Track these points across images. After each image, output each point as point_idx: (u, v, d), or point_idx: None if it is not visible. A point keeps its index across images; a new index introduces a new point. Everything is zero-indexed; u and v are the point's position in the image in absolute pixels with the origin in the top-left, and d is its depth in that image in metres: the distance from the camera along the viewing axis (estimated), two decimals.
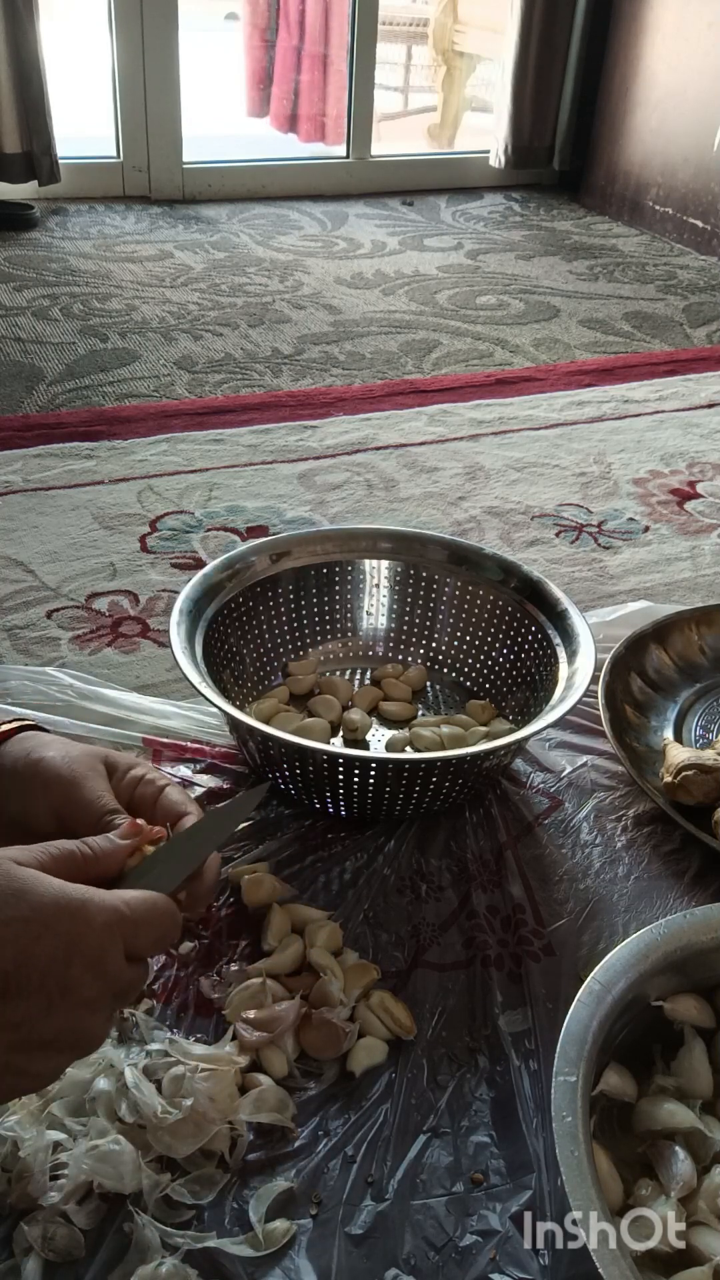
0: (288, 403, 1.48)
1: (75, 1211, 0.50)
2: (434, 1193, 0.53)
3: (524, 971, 0.64)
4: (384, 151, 2.76)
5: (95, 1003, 0.43)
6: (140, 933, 0.45)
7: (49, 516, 1.14)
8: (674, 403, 1.54)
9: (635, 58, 2.50)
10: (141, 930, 0.45)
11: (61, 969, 0.42)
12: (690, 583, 1.10)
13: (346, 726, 0.82)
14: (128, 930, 0.44)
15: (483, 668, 0.87)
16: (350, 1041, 0.59)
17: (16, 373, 1.54)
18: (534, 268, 2.19)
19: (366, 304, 1.92)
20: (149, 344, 1.68)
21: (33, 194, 2.32)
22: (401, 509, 1.21)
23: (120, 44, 2.30)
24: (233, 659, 0.83)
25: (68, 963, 0.42)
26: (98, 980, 0.43)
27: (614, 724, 0.81)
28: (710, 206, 2.36)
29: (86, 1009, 0.43)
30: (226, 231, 2.30)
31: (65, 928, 0.42)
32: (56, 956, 0.41)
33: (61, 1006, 0.42)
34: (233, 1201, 0.52)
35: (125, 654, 0.93)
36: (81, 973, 0.42)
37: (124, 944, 0.44)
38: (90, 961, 0.42)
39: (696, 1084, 0.55)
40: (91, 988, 0.42)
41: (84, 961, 0.42)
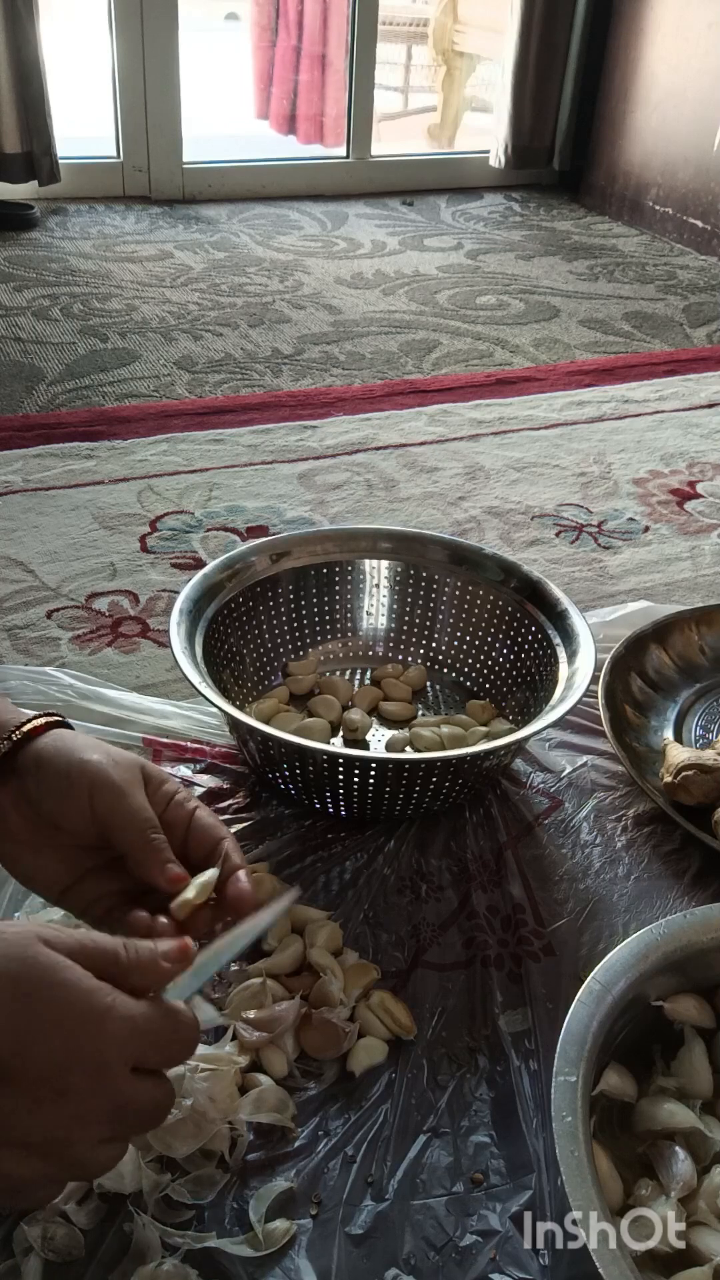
0: (288, 403, 1.48)
1: (75, 1211, 0.50)
2: (434, 1193, 0.53)
3: (524, 971, 0.64)
4: (384, 151, 2.76)
5: (88, 1118, 0.40)
6: (152, 1048, 0.42)
7: (49, 516, 1.14)
8: (674, 403, 1.54)
9: (635, 58, 2.50)
10: (154, 1045, 0.42)
11: (61, 1072, 0.39)
12: (690, 583, 1.10)
13: (346, 726, 0.82)
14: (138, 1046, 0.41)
15: (483, 668, 0.87)
16: (350, 1041, 0.59)
17: (16, 373, 1.54)
18: (534, 268, 2.19)
19: (366, 304, 1.92)
20: (149, 344, 1.68)
21: (33, 194, 2.32)
22: (401, 509, 1.21)
23: (120, 44, 2.30)
24: (233, 659, 0.83)
25: (66, 1068, 0.39)
26: (96, 1093, 0.40)
27: (614, 724, 0.81)
28: (710, 206, 2.36)
29: (78, 1121, 0.39)
30: (226, 231, 2.30)
31: (73, 1032, 0.39)
32: (59, 1057, 0.39)
33: (50, 1109, 0.39)
34: (233, 1201, 0.52)
35: (125, 654, 0.93)
36: (80, 1081, 0.39)
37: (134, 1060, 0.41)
38: (92, 1072, 0.39)
39: (696, 1084, 0.55)
40: (87, 1099, 0.39)
41: (85, 1070, 0.39)
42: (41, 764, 0.52)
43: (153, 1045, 0.42)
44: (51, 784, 0.51)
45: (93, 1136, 0.40)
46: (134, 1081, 0.41)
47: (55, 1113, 0.39)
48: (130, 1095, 0.41)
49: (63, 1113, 0.39)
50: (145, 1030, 0.41)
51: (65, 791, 0.51)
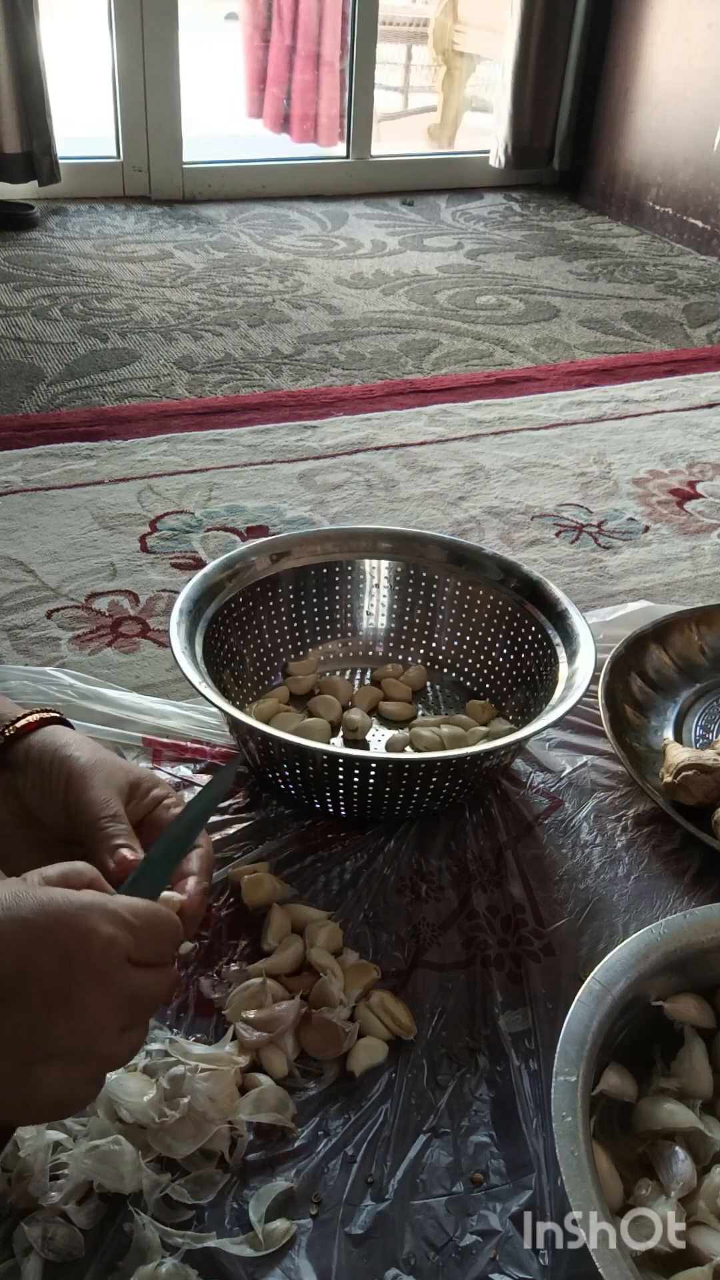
0: (288, 403, 1.48)
1: (75, 1211, 0.50)
2: (434, 1193, 0.53)
3: (524, 971, 0.64)
4: (384, 151, 2.76)
5: (103, 1016, 0.41)
6: (145, 940, 0.43)
7: (49, 516, 1.14)
8: (674, 403, 1.54)
9: (635, 58, 2.50)
10: (145, 938, 0.44)
11: (63, 978, 0.40)
12: (690, 583, 1.10)
13: (346, 726, 0.82)
14: (130, 939, 0.43)
15: (483, 668, 0.87)
16: (350, 1041, 0.59)
17: (16, 373, 1.54)
18: (534, 268, 2.19)
19: (366, 304, 1.92)
20: (149, 344, 1.68)
21: (33, 194, 2.32)
22: (401, 509, 1.21)
23: (120, 44, 2.30)
24: (233, 659, 0.83)
25: (69, 972, 0.40)
26: (102, 990, 0.41)
27: (614, 724, 0.81)
28: (710, 206, 2.36)
29: (93, 1023, 0.41)
30: (226, 231, 2.30)
31: (67, 935, 0.41)
32: (58, 965, 0.40)
33: (63, 1016, 0.40)
34: (233, 1201, 0.52)
35: (125, 654, 0.93)
36: (84, 982, 0.41)
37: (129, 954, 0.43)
38: (93, 971, 0.41)
39: (696, 1084, 0.55)
40: (95, 998, 0.41)
41: (86, 971, 0.41)
42: (29, 759, 0.53)
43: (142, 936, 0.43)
44: (34, 778, 0.52)
45: (112, 1031, 0.42)
46: (135, 973, 0.43)
47: (69, 1019, 0.40)
48: (135, 986, 0.43)
49: (77, 1017, 0.40)
50: (132, 924, 0.43)
51: (44, 785, 0.52)
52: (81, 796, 0.51)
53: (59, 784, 0.51)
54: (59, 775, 0.52)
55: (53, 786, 0.52)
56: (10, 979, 0.39)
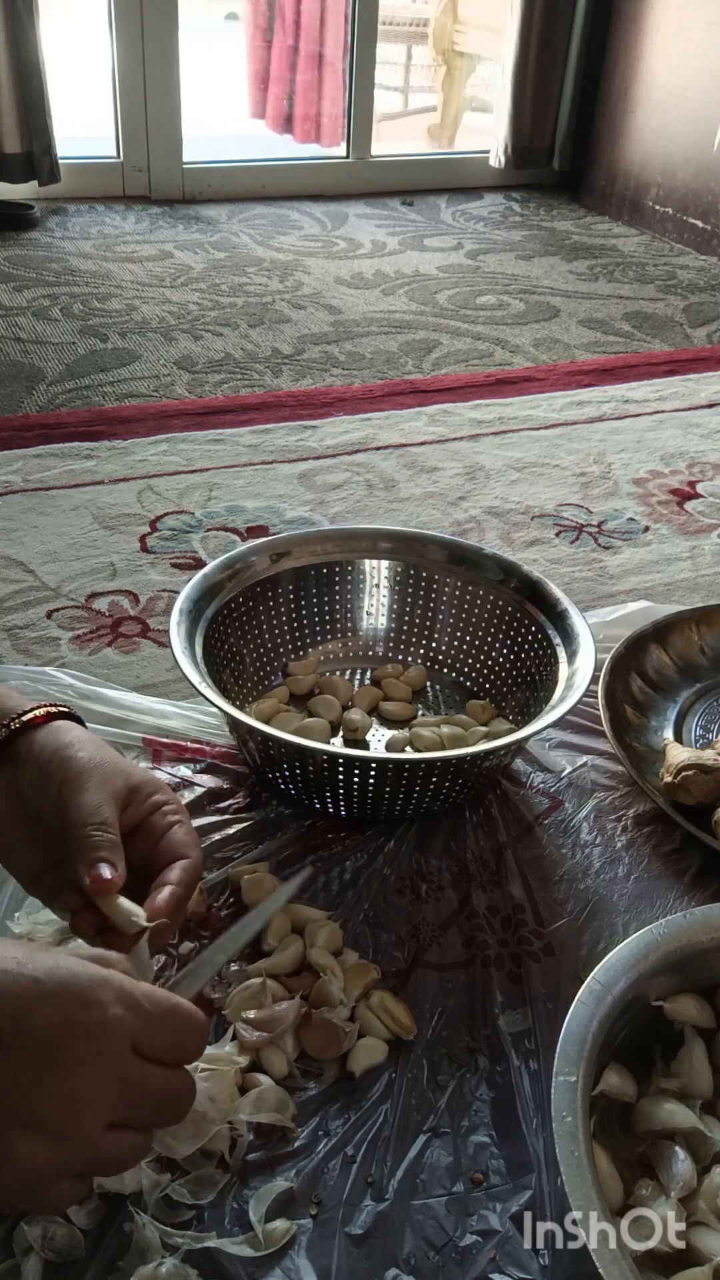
0: (288, 403, 1.48)
1: (75, 1211, 0.50)
2: (434, 1193, 0.53)
3: (524, 971, 0.64)
4: (384, 151, 2.76)
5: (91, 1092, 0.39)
6: (156, 1032, 0.41)
7: (49, 516, 1.14)
8: (674, 403, 1.54)
9: (635, 58, 2.50)
10: (157, 1029, 0.41)
11: (59, 1041, 0.38)
12: (690, 583, 1.10)
13: (346, 726, 0.82)
14: (140, 1025, 0.41)
15: (483, 668, 0.87)
16: (350, 1041, 0.59)
17: (16, 373, 1.54)
18: (534, 268, 2.19)
19: (366, 304, 1.92)
20: (149, 344, 1.68)
21: (33, 194, 2.32)
22: (401, 509, 1.21)
23: (120, 44, 2.30)
24: (233, 659, 0.83)
25: (66, 1036, 0.39)
26: (95, 1066, 0.39)
27: (614, 724, 0.81)
28: (710, 206, 2.36)
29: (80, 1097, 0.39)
30: (226, 231, 2.30)
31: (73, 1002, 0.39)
32: (55, 1027, 0.38)
33: (50, 1081, 0.38)
34: (233, 1201, 0.52)
35: (125, 654, 0.93)
36: (79, 1050, 0.39)
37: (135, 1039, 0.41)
38: (90, 1042, 0.39)
39: (696, 1084, 0.55)
40: (87, 1071, 0.39)
41: (84, 1039, 0.39)
42: (31, 755, 0.52)
43: (154, 1028, 0.41)
44: (33, 775, 0.52)
45: (99, 1116, 0.39)
46: (138, 1062, 0.41)
47: (56, 1085, 0.38)
48: (137, 1076, 0.40)
49: (64, 1085, 0.38)
50: (146, 1010, 0.41)
51: (42, 783, 0.52)
52: (73, 799, 0.50)
53: (55, 783, 0.51)
54: (56, 774, 0.51)
55: (49, 785, 0.51)
56: (5, 1028, 0.38)
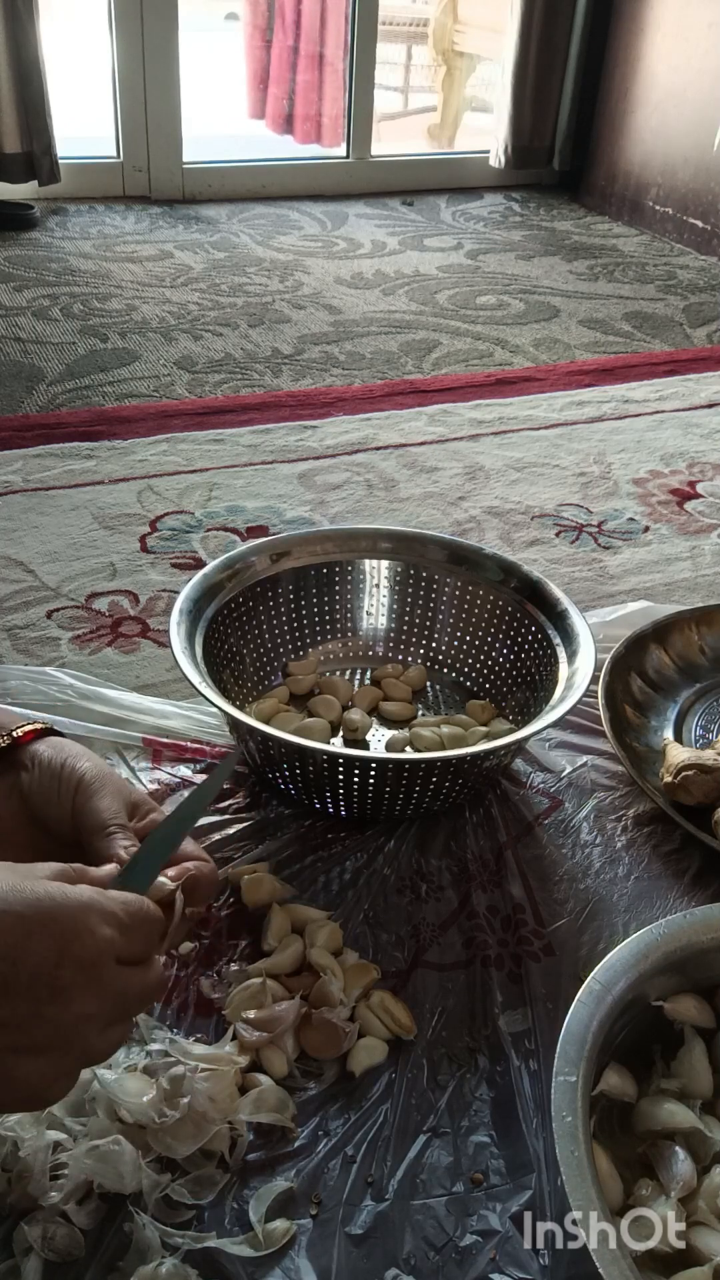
0: (288, 403, 1.48)
1: (75, 1211, 0.50)
2: (434, 1193, 0.53)
3: (524, 971, 0.64)
4: (384, 151, 2.76)
5: (87, 1015, 0.41)
6: (134, 940, 0.44)
7: (49, 516, 1.14)
8: (674, 403, 1.54)
9: (635, 58, 2.50)
10: (134, 937, 0.44)
11: (53, 972, 0.40)
12: (690, 583, 1.10)
13: (346, 726, 0.82)
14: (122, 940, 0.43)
15: (483, 668, 0.87)
16: (350, 1041, 0.59)
17: (16, 373, 1.54)
18: (534, 268, 2.19)
19: (366, 304, 1.92)
20: (149, 344, 1.68)
21: (33, 194, 2.32)
22: (401, 509, 1.21)
23: (120, 44, 2.30)
24: (233, 659, 0.83)
25: (58, 964, 0.40)
26: (90, 985, 0.41)
27: (614, 724, 0.81)
28: (710, 206, 2.36)
29: (78, 1020, 0.41)
30: (226, 231, 2.30)
31: (62, 931, 0.41)
32: (47, 957, 0.40)
33: (50, 1010, 0.40)
34: (233, 1201, 0.52)
35: (125, 654, 0.93)
36: (73, 976, 0.41)
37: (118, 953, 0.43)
38: (82, 965, 0.41)
39: (696, 1084, 0.55)
40: (84, 995, 0.41)
41: (75, 965, 0.41)
42: (37, 763, 0.54)
43: (133, 935, 0.44)
44: (44, 781, 0.53)
45: (96, 1028, 0.42)
46: (123, 972, 0.43)
47: (56, 1012, 0.40)
48: (123, 984, 0.43)
49: (64, 1011, 0.41)
50: (125, 923, 0.43)
51: (54, 790, 0.53)
52: (89, 803, 0.52)
53: (68, 789, 0.52)
54: (69, 780, 0.53)
55: (62, 791, 0.53)
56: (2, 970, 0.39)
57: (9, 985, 0.40)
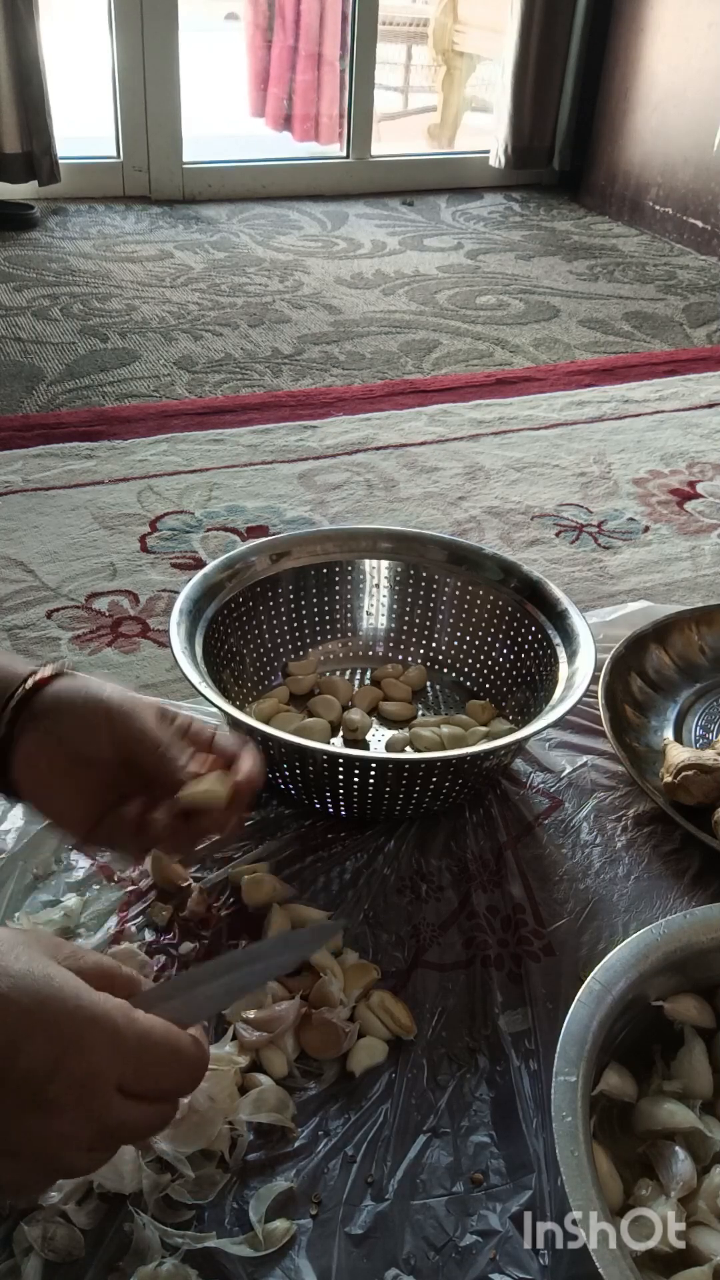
0: (288, 403, 1.48)
1: (75, 1211, 0.50)
2: (434, 1193, 0.53)
3: (524, 971, 0.64)
4: (384, 151, 2.76)
5: (70, 1136, 0.38)
6: (146, 1074, 0.40)
7: (49, 516, 1.14)
8: (674, 403, 1.54)
9: (635, 58, 2.50)
10: (148, 1071, 0.40)
11: (43, 1082, 0.37)
12: (690, 583, 1.10)
13: (346, 726, 0.82)
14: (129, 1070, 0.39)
15: (483, 668, 0.87)
16: (350, 1041, 0.59)
17: (16, 373, 1.54)
18: (534, 268, 2.19)
19: (366, 304, 1.92)
20: (149, 344, 1.68)
21: (33, 194, 2.32)
22: (401, 509, 1.21)
23: (120, 44, 2.30)
24: (233, 659, 0.83)
25: (50, 1078, 0.37)
26: (78, 1110, 0.38)
27: (614, 724, 0.81)
28: (710, 206, 2.36)
29: (59, 1137, 0.38)
30: (226, 231, 2.30)
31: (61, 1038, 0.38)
32: (41, 1065, 0.37)
33: (32, 1120, 0.37)
34: (233, 1201, 0.52)
35: (125, 654, 0.93)
36: (61, 1093, 0.37)
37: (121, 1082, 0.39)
38: (74, 1086, 0.38)
39: (696, 1084, 0.55)
40: (70, 1116, 0.38)
41: (67, 1082, 0.38)
42: (60, 704, 0.54)
43: (144, 1069, 0.40)
44: (74, 720, 0.54)
45: (78, 1149, 0.39)
46: (120, 1103, 0.39)
47: (38, 1126, 0.38)
48: (117, 1118, 0.39)
49: (46, 1127, 0.38)
50: (135, 1050, 0.39)
51: (89, 724, 0.54)
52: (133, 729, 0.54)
53: (102, 720, 0.53)
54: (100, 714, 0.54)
55: (97, 723, 0.53)
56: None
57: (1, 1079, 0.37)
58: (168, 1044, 0.41)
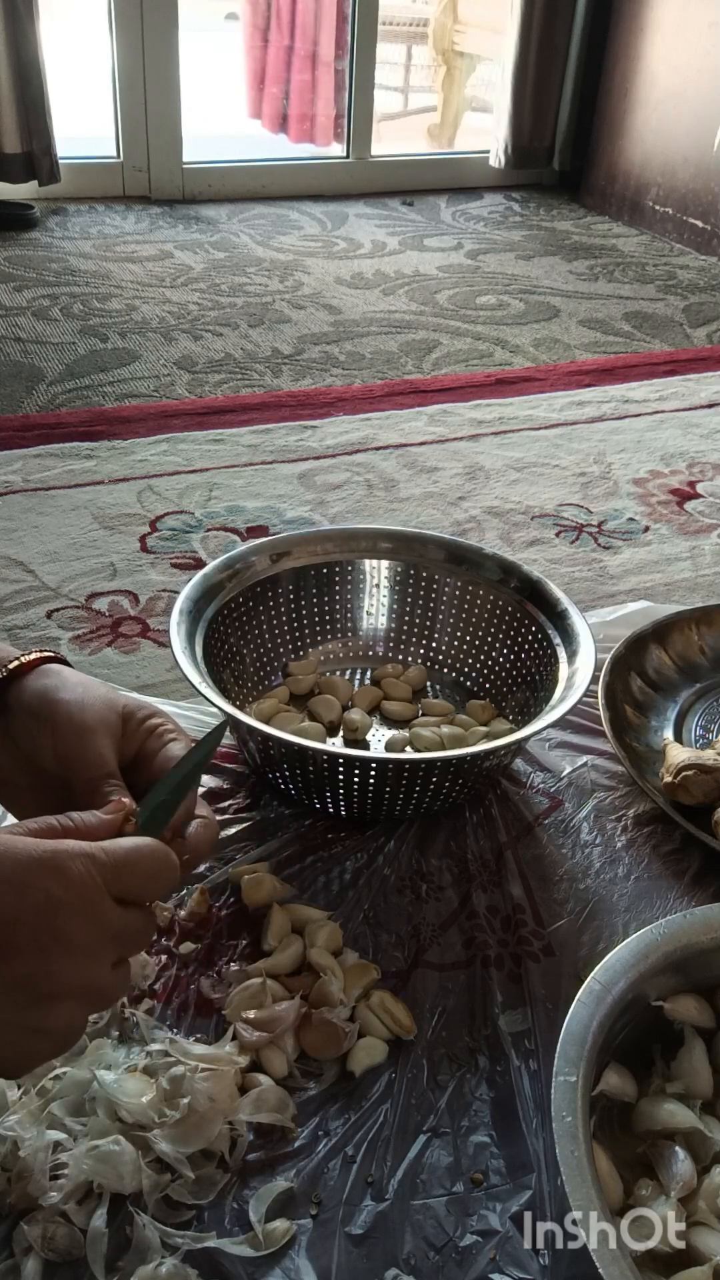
0: (288, 403, 1.48)
1: (75, 1211, 0.50)
2: (434, 1193, 0.53)
3: (524, 971, 0.64)
4: (384, 151, 2.76)
5: (95, 949, 0.43)
6: (124, 874, 0.44)
7: (49, 516, 1.14)
8: (674, 403, 1.54)
9: (635, 58, 2.50)
10: (124, 871, 0.44)
11: (49, 919, 0.41)
12: (690, 583, 1.10)
13: (347, 726, 0.82)
14: (108, 873, 0.43)
15: (483, 668, 0.87)
16: (350, 1041, 0.59)
17: (16, 373, 1.54)
18: (534, 268, 2.19)
19: (366, 304, 1.92)
20: (149, 344, 1.68)
21: (33, 194, 2.32)
22: (401, 509, 1.21)
23: (120, 44, 2.30)
24: (233, 659, 0.83)
25: (53, 912, 0.41)
26: (90, 925, 0.42)
27: (614, 724, 0.81)
28: (710, 206, 2.36)
29: (87, 956, 0.42)
30: (226, 231, 2.30)
31: (43, 878, 0.41)
32: (40, 908, 0.41)
33: (59, 955, 0.41)
34: (233, 1201, 0.52)
35: (125, 654, 0.93)
36: (69, 919, 0.41)
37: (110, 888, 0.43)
38: (76, 908, 0.42)
39: (696, 1084, 0.55)
40: (85, 933, 0.42)
41: (69, 909, 0.41)
42: (22, 701, 0.52)
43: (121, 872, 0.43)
44: (26, 722, 0.52)
45: (105, 964, 0.43)
46: (121, 910, 0.44)
47: (65, 955, 0.41)
48: (121, 923, 0.44)
49: (72, 952, 0.41)
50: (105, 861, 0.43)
51: (35, 730, 0.51)
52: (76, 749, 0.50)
53: (46, 729, 0.51)
54: (44, 718, 0.51)
55: (40, 731, 0.51)
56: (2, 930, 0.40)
57: (14, 944, 0.40)
58: (137, 848, 0.45)
